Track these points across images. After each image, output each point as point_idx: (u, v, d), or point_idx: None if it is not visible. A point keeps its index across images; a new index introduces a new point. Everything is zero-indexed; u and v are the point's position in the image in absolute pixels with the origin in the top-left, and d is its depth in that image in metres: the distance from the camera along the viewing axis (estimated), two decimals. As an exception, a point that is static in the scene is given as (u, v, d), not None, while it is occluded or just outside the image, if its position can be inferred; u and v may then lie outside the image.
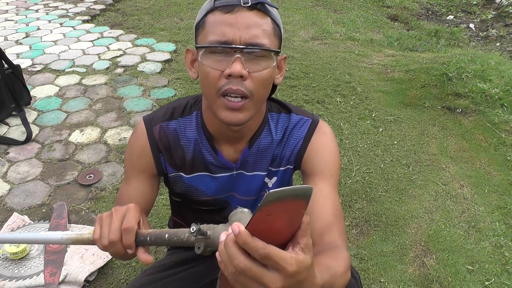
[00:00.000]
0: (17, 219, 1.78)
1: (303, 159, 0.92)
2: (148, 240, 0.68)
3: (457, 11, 5.45)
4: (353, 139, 2.48)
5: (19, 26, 4.04)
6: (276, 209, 0.46)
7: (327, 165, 0.91)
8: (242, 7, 0.75)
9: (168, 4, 4.72)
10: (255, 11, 0.76)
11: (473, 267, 1.71)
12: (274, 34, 0.79)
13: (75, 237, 0.74)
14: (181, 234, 0.64)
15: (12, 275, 1.51)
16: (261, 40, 0.75)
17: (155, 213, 1.86)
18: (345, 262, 0.75)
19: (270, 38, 0.77)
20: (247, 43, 0.74)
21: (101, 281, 1.55)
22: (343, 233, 0.85)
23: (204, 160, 0.92)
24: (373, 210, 1.97)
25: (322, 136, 0.92)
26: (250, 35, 0.75)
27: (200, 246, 0.60)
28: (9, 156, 2.22)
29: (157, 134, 0.92)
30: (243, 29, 0.74)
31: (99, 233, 0.70)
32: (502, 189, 2.16)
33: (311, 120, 0.93)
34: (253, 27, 0.75)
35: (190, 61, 0.86)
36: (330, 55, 3.63)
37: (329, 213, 0.85)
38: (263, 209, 0.45)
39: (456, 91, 2.99)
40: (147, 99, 2.79)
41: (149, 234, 0.68)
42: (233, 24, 0.74)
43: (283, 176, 0.96)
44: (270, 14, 0.78)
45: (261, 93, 0.80)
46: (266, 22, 0.77)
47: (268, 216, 0.47)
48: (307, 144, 0.92)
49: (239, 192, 0.97)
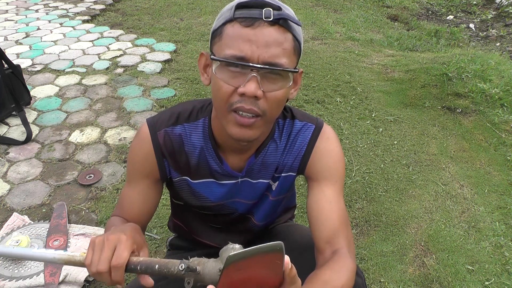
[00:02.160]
0: (17, 219, 1.78)
1: (307, 165, 0.91)
2: (138, 269, 0.67)
3: (457, 11, 5.45)
4: (353, 139, 2.48)
5: (19, 26, 4.04)
6: (245, 264, 0.46)
7: (332, 170, 0.90)
8: (263, 22, 0.71)
9: (168, 4, 4.72)
10: (276, 27, 0.72)
11: (473, 267, 1.71)
12: (294, 52, 0.75)
13: (67, 258, 0.74)
14: (171, 267, 0.63)
15: (12, 275, 1.52)
16: (280, 60, 0.72)
17: (155, 213, 1.86)
18: (347, 272, 0.75)
19: (290, 57, 0.74)
20: (266, 62, 0.71)
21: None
22: (349, 239, 0.84)
23: (209, 167, 0.91)
24: (373, 210, 1.97)
25: (326, 141, 0.91)
26: (269, 54, 0.71)
27: (190, 281, 0.60)
28: (9, 156, 2.22)
29: (161, 139, 0.89)
30: (262, 47, 0.71)
31: (90, 259, 0.68)
32: (502, 189, 2.16)
33: (315, 126, 0.92)
34: (273, 45, 0.71)
35: (204, 66, 0.83)
36: (330, 55, 3.63)
37: (335, 220, 0.84)
38: (229, 267, 0.46)
39: (456, 91, 2.99)
40: (147, 99, 2.79)
41: (140, 263, 0.67)
42: (252, 41, 0.71)
43: (284, 181, 0.96)
44: (292, 30, 0.74)
45: (274, 112, 0.78)
46: (287, 40, 0.73)
47: (240, 270, 0.47)
48: (311, 150, 0.91)
49: (243, 197, 0.96)
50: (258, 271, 0.49)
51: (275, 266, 0.49)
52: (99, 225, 1.79)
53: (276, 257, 0.48)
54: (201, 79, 0.83)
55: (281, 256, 0.48)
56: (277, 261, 0.49)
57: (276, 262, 0.49)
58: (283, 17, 0.71)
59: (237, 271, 0.47)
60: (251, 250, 0.46)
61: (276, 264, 0.49)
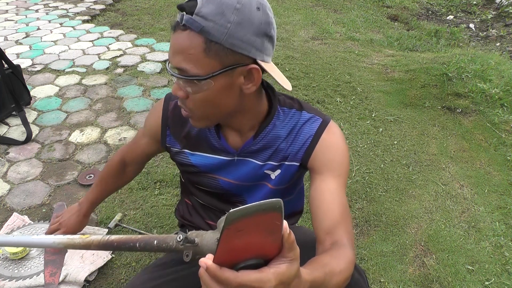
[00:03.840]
0: (17, 219, 1.78)
1: (311, 157, 0.92)
2: (137, 246, 0.67)
3: (457, 11, 5.45)
4: (353, 139, 2.48)
5: (19, 26, 4.04)
6: (244, 224, 0.46)
7: (336, 164, 0.91)
8: (179, 27, 0.74)
9: (168, 4, 4.72)
10: (187, 32, 0.73)
11: (473, 267, 1.71)
12: (205, 55, 0.73)
13: (66, 241, 0.76)
14: (170, 241, 0.63)
15: (12, 275, 1.52)
16: (184, 65, 0.74)
17: (155, 213, 1.86)
18: (346, 260, 0.75)
19: (198, 62, 0.73)
20: (174, 67, 0.76)
21: (101, 281, 1.55)
22: (349, 232, 0.85)
23: (208, 141, 0.96)
24: (373, 210, 1.97)
25: (332, 135, 0.92)
26: (176, 60, 0.75)
27: (189, 254, 0.60)
28: (9, 156, 2.22)
29: (171, 107, 0.99)
30: (172, 53, 0.76)
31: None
32: (502, 189, 2.16)
33: (322, 119, 0.93)
34: (178, 52, 0.74)
35: None
36: (330, 55, 3.63)
37: (336, 212, 0.85)
38: (230, 227, 0.45)
39: (456, 91, 2.99)
40: (147, 99, 2.79)
41: (138, 240, 0.67)
42: (171, 46, 0.76)
43: (287, 170, 0.96)
44: (203, 32, 0.71)
45: (203, 111, 0.82)
46: (194, 45, 0.72)
47: (240, 232, 0.46)
48: (316, 142, 0.92)
49: (237, 177, 0.99)
50: (258, 235, 0.48)
51: (274, 227, 0.48)
52: (99, 225, 1.79)
53: (275, 217, 0.47)
54: None
55: (280, 216, 0.47)
56: (276, 222, 0.47)
57: (275, 223, 0.48)
58: (191, 20, 0.71)
59: (237, 232, 0.46)
60: (251, 207, 0.45)
61: (275, 226, 0.48)
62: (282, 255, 0.50)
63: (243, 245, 0.48)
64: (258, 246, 0.49)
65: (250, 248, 0.48)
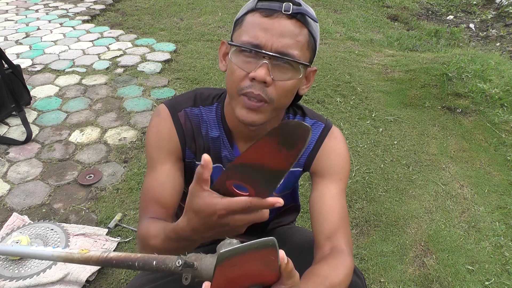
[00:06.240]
0: (17, 219, 1.78)
1: (313, 162, 0.93)
2: (136, 265, 0.67)
3: (457, 11, 5.45)
4: (353, 139, 2.48)
5: (19, 26, 4.04)
6: (238, 261, 0.46)
7: (337, 168, 0.92)
8: (282, 14, 0.75)
9: (168, 4, 4.72)
10: (294, 21, 0.75)
11: (473, 267, 1.71)
12: (307, 46, 0.78)
13: (65, 256, 0.75)
14: (168, 263, 0.63)
15: (12, 275, 1.51)
16: (292, 50, 0.75)
17: (155, 213, 1.86)
18: (345, 269, 0.75)
19: (302, 50, 0.77)
20: (278, 51, 0.74)
21: (101, 281, 1.55)
22: (348, 238, 0.86)
23: (220, 152, 0.94)
24: (373, 210, 1.97)
25: (334, 140, 0.94)
26: (282, 43, 0.74)
27: (188, 277, 0.60)
28: (9, 156, 2.22)
29: (182, 119, 0.91)
30: (277, 36, 0.74)
31: None
32: (502, 189, 2.16)
33: (324, 125, 0.95)
34: (287, 36, 0.75)
35: (223, 54, 0.87)
36: (330, 55, 3.63)
37: (335, 216, 0.86)
38: (222, 264, 0.45)
39: (456, 91, 2.99)
40: (147, 99, 2.79)
41: (138, 259, 0.67)
42: (268, 30, 0.74)
43: (291, 177, 0.97)
44: (308, 26, 0.77)
45: (282, 101, 0.80)
46: (302, 33, 0.77)
47: (234, 267, 0.46)
48: (318, 147, 0.93)
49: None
50: (253, 267, 0.48)
51: (269, 261, 0.49)
52: (99, 225, 1.80)
53: (270, 253, 0.48)
54: (219, 66, 0.87)
55: (274, 252, 0.48)
56: (271, 257, 0.48)
57: (270, 258, 0.48)
58: (301, 12, 0.75)
59: (231, 267, 0.46)
60: (243, 247, 0.45)
61: (270, 260, 0.49)
62: (281, 283, 0.51)
63: (240, 276, 0.48)
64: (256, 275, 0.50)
65: (247, 277, 0.49)
